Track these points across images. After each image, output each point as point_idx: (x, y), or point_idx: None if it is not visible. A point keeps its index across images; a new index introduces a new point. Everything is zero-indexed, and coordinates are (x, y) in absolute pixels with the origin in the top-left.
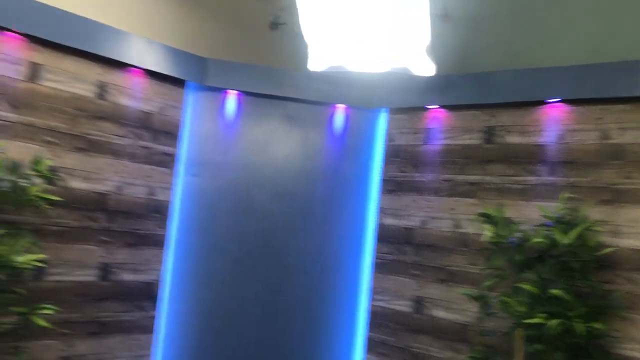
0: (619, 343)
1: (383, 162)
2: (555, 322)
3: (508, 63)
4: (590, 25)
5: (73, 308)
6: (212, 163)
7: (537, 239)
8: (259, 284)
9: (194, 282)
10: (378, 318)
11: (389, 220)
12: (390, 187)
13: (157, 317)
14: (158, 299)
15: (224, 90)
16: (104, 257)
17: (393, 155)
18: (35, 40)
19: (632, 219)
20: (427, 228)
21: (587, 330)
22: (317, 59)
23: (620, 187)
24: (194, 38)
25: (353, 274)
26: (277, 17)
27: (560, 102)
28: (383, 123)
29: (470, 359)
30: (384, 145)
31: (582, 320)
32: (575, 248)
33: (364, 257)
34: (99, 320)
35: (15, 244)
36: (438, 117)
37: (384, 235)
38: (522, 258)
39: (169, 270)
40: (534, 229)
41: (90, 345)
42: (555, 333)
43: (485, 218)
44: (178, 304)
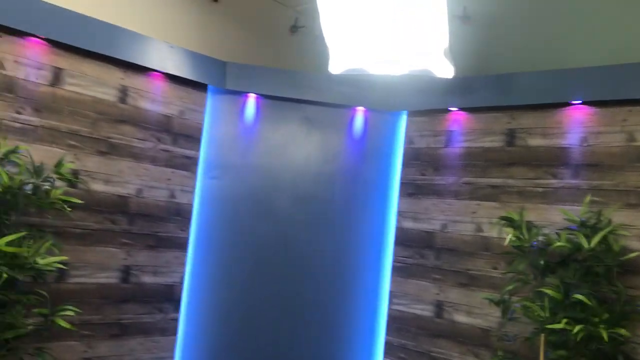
0: None
1: (402, 165)
2: (578, 327)
3: (529, 64)
4: (613, 25)
5: (94, 310)
6: (231, 166)
7: (560, 243)
8: (278, 287)
9: (214, 284)
10: (397, 322)
11: (409, 224)
12: (410, 190)
13: (177, 319)
14: (179, 302)
15: (244, 94)
16: (126, 259)
17: (413, 158)
18: (58, 45)
19: None
20: (447, 231)
21: (610, 337)
22: (337, 62)
23: None
24: (215, 42)
25: (372, 278)
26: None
27: (583, 103)
28: (403, 126)
29: None
30: (404, 148)
31: (605, 326)
32: (599, 252)
33: (384, 260)
34: (120, 322)
35: (38, 246)
36: (458, 119)
37: (404, 239)
38: (544, 262)
39: (189, 273)
40: (557, 233)
41: (112, 347)
42: (579, 339)
43: (507, 221)
44: (197, 306)
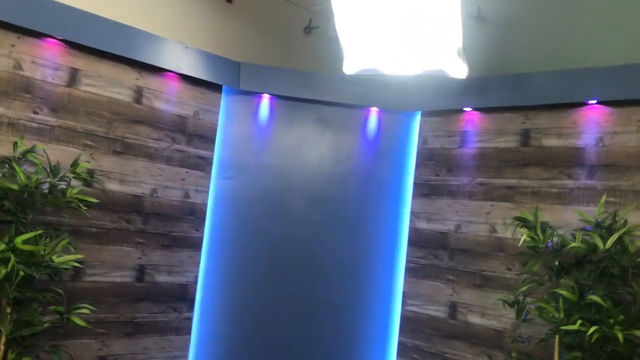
0: None
1: (416, 165)
2: (593, 329)
3: (544, 64)
4: (628, 25)
5: (109, 308)
6: (245, 166)
7: (575, 244)
8: (291, 287)
9: (228, 284)
10: (411, 323)
11: (422, 224)
12: (424, 190)
13: (192, 318)
14: (193, 301)
15: (258, 94)
16: (140, 258)
17: (427, 159)
18: (74, 46)
19: None
20: (461, 232)
21: (626, 338)
22: (351, 62)
23: None
24: (229, 43)
25: (386, 278)
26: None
27: (598, 103)
28: (417, 126)
29: None
30: (418, 149)
31: (621, 328)
32: (615, 253)
33: (397, 261)
34: (135, 321)
35: (54, 245)
36: (473, 119)
37: (417, 240)
38: (559, 263)
39: (203, 272)
40: (572, 234)
41: (126, 345)
42: (594, 340)
43: (522, 222)
44: (211, 306)
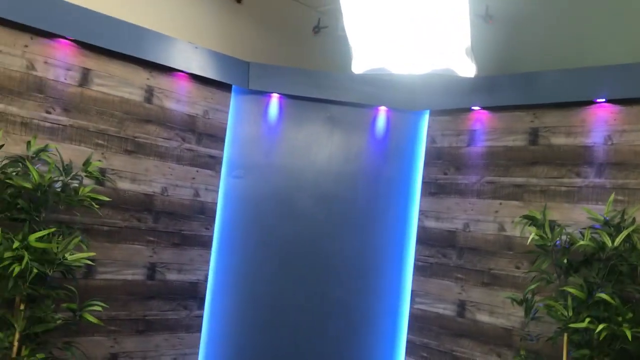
0: None
1: (425, 164)
2: (602, 326)
3: (552, 63)
4: (637, 23)
5: (121, 306)
6: (255, 165)
7: (583, 242)
8: (301, 286)
9: (237, 282)
10: (419, 321)
11: (431, 223)
12: (432, 189)
13: (202, 316)
14: (203, 299)
15: (267, 94)
16: (151, 256)
17: (435, 157)
18: (86, 47)
19: None
20: (470, 231)
21: (634, 336)
22: (359, 62)
23: None
24: (238, 43)
25: (394, 277)
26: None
27: (607, 102)
28: (425, 125)
29: None
30: (426, 147)
31: (629, 325)
32: (623, 251)
33: (406, 259)
34: (146, 319)
35: (67, 243)
36: (481, 118)
37: (426, 238)
38: (567, 261)
39: (213, 271)
40: (581, 232)
41: (137, 343)
42: (602, 338)
43: (530, 220)
44: (221, 304)
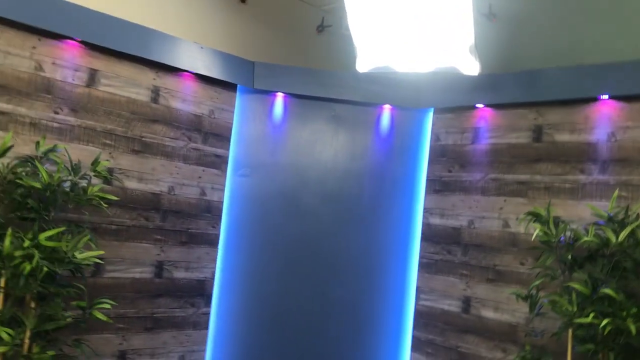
0: None
1: (429, 161)
2: (606, 321)
3: (555, 60)
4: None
5: (129, 304)
6: (260, 164)
7: (587, 238)
8: (307, 283)
9: (244, 279)
10: (425, 318)
11: (436, 220)
12: (437, 186)
13: (209, 313)
14: (210, 296)
15: (272, 93)
16: (159, 254)
17: (439, 155)
18: (94, 48)
19: None
20: (474, 228)
21: (639, 330)
22: (364, 60)
23: None
24: (243, 43)
25: (400, 274)
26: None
27: (610, 98)
28: (429, 123)
29: None
30: (430, 145)
31: (633, 320)
32: (627, 247)
33: (411, 257)
34: (154, 316)
35: (76, 241)
36: (485, 116)
37: (431, 235)
38: (572, 257)
39: (219, 268)
40: (585, 228)
41: (145, 340)
42: (606, 333)
43: (534, 217)
44: (228, 301)
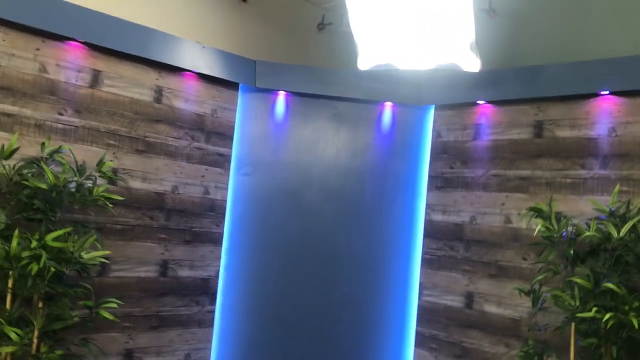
0: None
1: (431, 158)
2: (609, 315)
3: (556, 56)
4: None
5: (135, 302)
6: (263, 162)
7: (589, 233)
8: (310, 280)
9: (248, 277)
10: (428, 313)
11: (438, 217)
12: (439, 183)
13: (214, 311)
14: (215, 294)
15: (274, 92)
16: (163, 253)
17: (441, 152)
18: (97, 48)
19: None
20: (476, 223)
21: None
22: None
23: None
24: (244, 41)
25: (403, 270)
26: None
27: (611, 94)
28: (431, 120)
29: (523, 354)
30: (432, 142)
31: (636, 314)
32: (629, 241)
33: (414, 253)
34: (159, 315)
35: (83, 242)
36: (486, 112)
37: (433, 232)
38: (574, 252)
39: (223, 266)
40: (587, 223)
41: (151, 338)
42: (609, 327)
43: (536, 212)
44: (233, 299)
